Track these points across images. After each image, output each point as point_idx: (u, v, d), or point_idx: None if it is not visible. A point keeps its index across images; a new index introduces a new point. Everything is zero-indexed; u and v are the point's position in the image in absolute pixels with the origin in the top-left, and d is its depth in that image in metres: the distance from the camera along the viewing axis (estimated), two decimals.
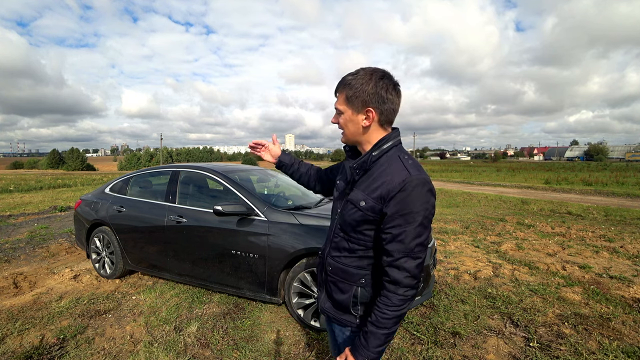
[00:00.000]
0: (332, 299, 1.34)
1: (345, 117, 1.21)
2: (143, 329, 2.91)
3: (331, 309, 1.35)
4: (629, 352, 2.51)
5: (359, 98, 1.16)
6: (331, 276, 1.32)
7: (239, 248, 3.12)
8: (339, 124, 1.24)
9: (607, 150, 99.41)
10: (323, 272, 1.40)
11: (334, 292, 1.31)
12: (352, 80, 1.17)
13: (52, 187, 18.48)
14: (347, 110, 1.19)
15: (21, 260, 4.83)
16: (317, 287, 1.55)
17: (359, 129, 1.20)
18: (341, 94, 1.20)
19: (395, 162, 1.15)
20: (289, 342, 2.75)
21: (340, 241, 1.27)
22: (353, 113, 1.19)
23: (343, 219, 1.24)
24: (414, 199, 1.08)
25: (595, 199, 11.89)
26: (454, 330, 2.83)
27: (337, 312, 1.33)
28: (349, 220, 1.21)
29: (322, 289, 1.44)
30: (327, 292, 1.37)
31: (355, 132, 1.22)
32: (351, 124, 1.21)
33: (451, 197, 12.47)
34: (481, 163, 70.24)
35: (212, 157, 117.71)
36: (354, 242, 1.23)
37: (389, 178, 1.12)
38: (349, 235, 1.24)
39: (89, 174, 40.60)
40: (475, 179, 23.78)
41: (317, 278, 1.50)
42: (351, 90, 1.17)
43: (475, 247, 5.38)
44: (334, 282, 1.31)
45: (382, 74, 1.16)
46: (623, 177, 21.86)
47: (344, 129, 1.24)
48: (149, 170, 4.36)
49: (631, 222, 7.47)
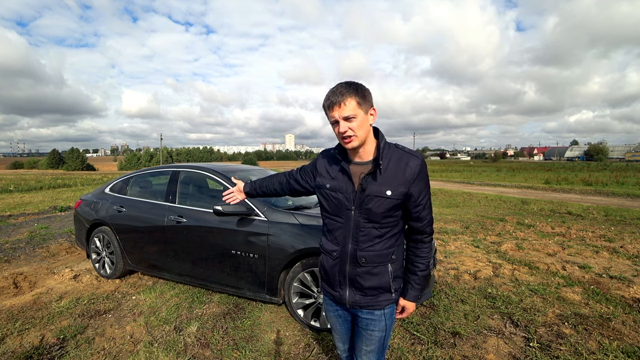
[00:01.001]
0: (365, 289, 1.45)
1: (359, 121, 1.32)
2: (143, 329, 2.91)
3: (363, 299, 1.46)
4: (629, 352, 2.51)
5: (367, 101, 1.33)
6: (365, 267, 1.43)
7: (239, 248, 3.12)
8: (352, 130, 1.32)
9: (607, 150, 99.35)
10: (346, 270, 1.46)
11: (370, 280, 1.44)
12: (355, 88, 1.32)
13: (52, 187, 18.49)
14: (360, 113, 1.31)
15: (21, 260, 4.83)
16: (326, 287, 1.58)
17: (368, 129, 1.37)
18: (350, 101, 1.30)
19: (398, 152, 1.39)
20: (289, 342, 2.75)
21: (369, 232, 1.41)
22: (365, 115, 1.33)
23: (371, 211, 1.38)
24: (426, 174, 1.41)
25: (595, 199, 11.89)
26: (454, 330, 2.83)
27: (372, 298, 1.45)
28: (379, 211, 1.37)
29: (343, 287, 1.49)
30: (357, 285, 1.46)
31: (366, 132, 1.36)
32: (364, 126, 1.34)
33: (451, 197, 12.48)
34: (481, 163, 70.23)
35: (212, 157, 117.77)
36: (385, 227, 1.41)
37: (406, 166, 1.35)
38: (380, 222, 1.40)
39: (89, 174, 40.61)
40: (475, 179, 23.78)
41: (329, 279, 1.53)
42: (359, 96, 1.31)
43: (475, 247, 5.38)
44: (367, 271, 1.43)
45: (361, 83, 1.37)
46: (623, 177, 21.87)
47: (356, 132, 1.32)
48: (149, 170, 4.35)
49: (631, 222, 7.47)
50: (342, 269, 1.46)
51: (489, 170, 34.91)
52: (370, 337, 1.48)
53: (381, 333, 1.48)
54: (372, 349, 1.50)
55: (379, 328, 1.47)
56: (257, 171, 4.43)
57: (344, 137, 1.33)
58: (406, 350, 2.57)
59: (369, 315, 1.46)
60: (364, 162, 1.40)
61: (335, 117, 1.32)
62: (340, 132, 1.32)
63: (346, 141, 1.34)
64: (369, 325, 1.47)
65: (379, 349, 1.51)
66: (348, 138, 1.32)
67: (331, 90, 1.33)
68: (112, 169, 74.92)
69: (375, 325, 1.47)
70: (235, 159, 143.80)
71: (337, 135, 1.36)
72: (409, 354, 2.53)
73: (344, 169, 1.42)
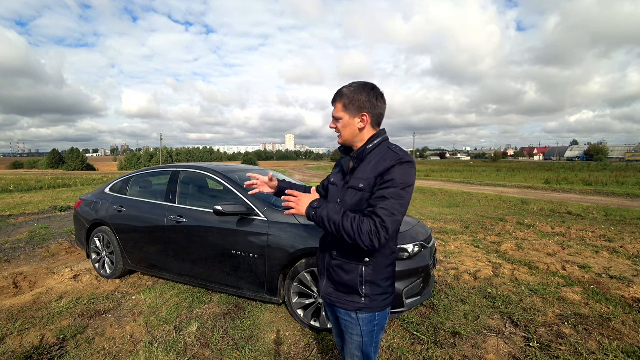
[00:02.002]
0: (336, 284, 1.47)
1: (343, 122, 1.45)
2: (143, 329, 2.91)
3: (334, 294, 1.48)
4: (629, 352, 2.51)
5: (354, 105, 1.42)
6: (337, 259, 1.46)
7: (239, 248, 3.12)
8: (337, 129, 1.48)
9: (607, 150, 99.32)
10: (325, 260, 1.53)
11: (340, 275, 1.45)
12: (347, 92, 1.43)
13: (52, 187, 18.48)
14: (344, 116, 1.44)
15: (21, 260, 4.83)
16: (318, 280, 1.62)
17: (355, 131, 1.45)
18: (338, 103, 1.44)
19: (387, 151, 1.42)
20: (289, 342, 2.75)
21: None
22: (350, 118, 1.44)
23: (346, 203, 1.43)
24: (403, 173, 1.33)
25: (595, 199, 11.89)
26: (454, 330, 2.83)
27: (341, 296, 1.46)
28: (351, 203, 1.41)
29: (323, 277, 1.55)
30: (331, 277, 1.50)
31: (352, 134, 1.46)
32: (348, 127, 1.45)
33: (451, 197, 12.47)
34: (481, 163, 70.24)
35: (212, 157, 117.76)
36: None
37: (383, 161, 1.37)
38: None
39: (89, 174, 40.61)
40: (475, 179, 23.77)
41: (318, 267, 1.61)
42: (347, 100, 1.42)
43: (475, 247, 5.38)
44: (339, 265, 1.45)
45: (371, 86, 1.44)
46: (623, 177, 21.86)
47: (341, 132, 1.47)
48: (149, 170, 4.35)
49: (631, 222, 7.46)
50: (323, 258, 1.56)
51: (489, 170, 34.91)
52: (351, 340, 1.50)
53: (359, 338, 1.47)
54: (355, 353, 1.50)
55: (356, 332, 1.47)
56: (257, 171, 4.43)
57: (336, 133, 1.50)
58: (406, 350, 2.57)
59: (346, 317, 1.48)
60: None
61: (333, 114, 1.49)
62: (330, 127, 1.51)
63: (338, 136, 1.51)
64: (347, 327, 1.49)
65: (361, 356, 1.50)
66: (338, 135, 1.50)
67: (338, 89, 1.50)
68: (112, 169, 74.91)
69: (352, 329, 1.47)
70: (235, 159, 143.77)
71: None
72: (409, 354, 2.53)
73: (341, 162, 1.59)
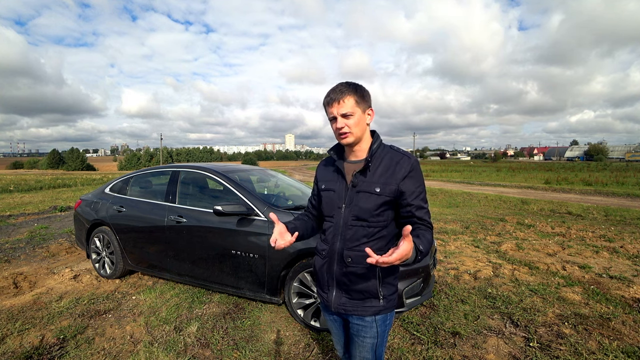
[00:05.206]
0: (351, 292, 1.42)
1: (356, 119, 1.37)
2: (143, 329, 2.91)
3: (349, 303, 1.43)
4: (629, 352, 2.51)
5: (365, 101, 1.39)
6: (352, 267, 1.40)
7: (239, 248, 3.12)
8: (348, 127, 1.37)
9: (607, 150, 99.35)
10: (334, 270, 1.45)
11: (357, 283, 1.40)
12: (354, 87, 1.37)
13: (52, 187, 18.48)
14: (357, 111, 1.37)
15: (21, 260, 4.83)
16: (317, 288, 1.57)
17: (365, 127, 1.41)
18: (349, 99, 1.36)
19: (391, 152, 1.42)
20: (289, 342, 2.75)
21: (357, 230, 1.39)
22: (362, 113, 1.38)
23: (359, 208, 1.38)
24: (419, 173, 1.39)
25: (595, 199, 11.89)
26: (454, 330, 2.83)
27: (357, 303, 1.42)
28: (368, 207, 1.36)
29: (330, 289, 1.48)
30: (344, 287, 1.43)
31: (362, 131, 1.40)
32: (360, 124, 1.38)
33: (451, 197, 12.47)
34: (481, 163, 70.25)
35: (212, 157, 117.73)
36: (373, 226, 1.38)
37: (397, 165, 1.36)
38: (369, 220, 1.38)
39: (89, 174, 40.60)
40: (475, 179, 23.77)
41: (320, 280, 1.52)
42: (358, 95, 1.37)
43: (475, 247, 5.38)
44: (354, 272, 1.40)
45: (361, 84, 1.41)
46: (623, 177, 21.86)
47: (352, 129, 1.37)
48: (149, 170, 4.35)
49: (631, 222, 7.47)
50: (330, 269, 1.46)
51: (489, 170, 34.91)
52: (363, 344, 1.46)
53: (373, 340, 1.44)
54: (366, 356, 1.47)
55: (370, 335, 1.44)
56: (257, 171, 4.43)
57: (341, 134, 1.38)
58: (406, 350, 2.57)
59: (359, 321, 1.43)
60: (358, 160, 1.45)
61: (333, 114, 1.37)
62: (338, 128, 1.37)
63: (342, 137, 1.39)
64: (360, 331, 1.44)
65: (373, 357, 1.48)
66: (344, 134, 1.38)
67: (332, 88, 1.39)
68: (112, 169, 74.91)
69: (366, 332, 1.44)
70: (235, 159, 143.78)
71: (334, 132, 1.41)
72: (409, 354, 2.53)
73: (338, 167, 1.47)
